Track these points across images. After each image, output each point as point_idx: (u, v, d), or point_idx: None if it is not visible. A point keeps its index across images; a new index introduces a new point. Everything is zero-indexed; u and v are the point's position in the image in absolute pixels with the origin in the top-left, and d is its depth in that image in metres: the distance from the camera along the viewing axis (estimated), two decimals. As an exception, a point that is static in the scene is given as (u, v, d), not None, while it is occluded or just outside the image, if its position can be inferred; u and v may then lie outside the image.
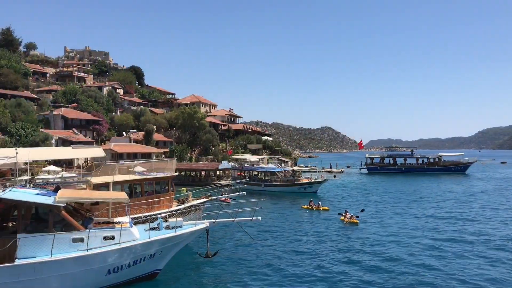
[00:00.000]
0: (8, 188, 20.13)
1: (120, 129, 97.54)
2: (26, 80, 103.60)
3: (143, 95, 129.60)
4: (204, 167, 77.09)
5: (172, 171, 29.89)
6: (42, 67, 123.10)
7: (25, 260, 17.62)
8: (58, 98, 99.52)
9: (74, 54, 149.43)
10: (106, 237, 19.44)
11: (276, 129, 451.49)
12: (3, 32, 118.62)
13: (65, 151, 30.22)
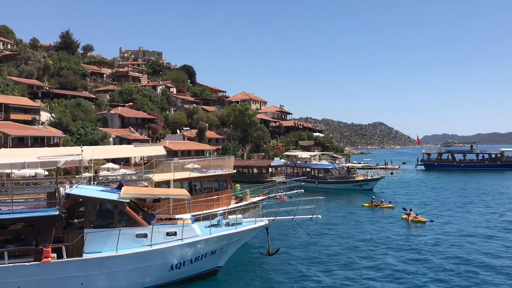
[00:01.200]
0: (74, 185, 20.68)
1: (174, 127, 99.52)
2: (84, 80, 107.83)
3: (195, 94, 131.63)
4: (256, 164, 77.12)
5: (230, 169, 29.87)
6: (99, 68, 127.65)
7: (92, 254, 18.00)
8: (115, 98, 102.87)
9: (129, 55, 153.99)
10: (168, 233, 19.56)
11: (326, 126, 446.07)
12: (63, 36, 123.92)
13: (127, 149, 30.90)
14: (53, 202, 17.96)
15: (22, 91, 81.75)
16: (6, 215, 17.41)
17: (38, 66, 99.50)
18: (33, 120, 73.06)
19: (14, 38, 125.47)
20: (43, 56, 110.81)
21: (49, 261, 17.20)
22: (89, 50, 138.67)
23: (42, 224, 17.61)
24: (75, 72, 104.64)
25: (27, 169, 18.75)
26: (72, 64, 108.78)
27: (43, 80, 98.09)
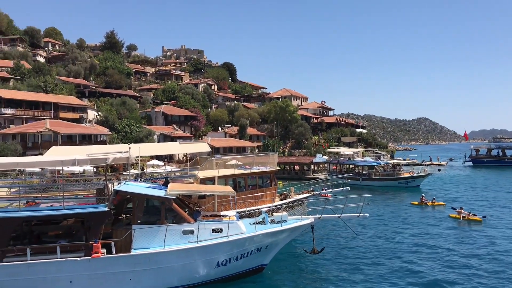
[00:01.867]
0: (122, 181, 20.99)
1: (215, 124, 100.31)
2: (129, 79, 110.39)
3: (236, 91, 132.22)
4: (298, 161, 76.53)
5: (274, 165, 29.62)
6: (143, 67, 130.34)
7: (140, 250, 18.19)
8: (158, 96, 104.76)
9: (171, 53, 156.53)
10: (214, 229, 19.52)
11: (369, 121, 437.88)
12: (108, 35, 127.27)
13: (173, 146, 31.22)
14: (102, 199, 18.25)
15: (70, 90, 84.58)
16: (58, 211, 17.83)
17: (85, 66, 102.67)
18: (81, 118, 75.48)
19: (62, 39, 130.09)
20: (89, 56, 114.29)
21: (99, 257, 17.51)
22: (133, 49, 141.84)
23: (92, 220, 17.95)
24: (120, 71, 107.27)
25: (77, 166, 19.13)
26: (117, 64, 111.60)
27: (90, 80, 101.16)
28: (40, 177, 29.10)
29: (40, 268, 17.13)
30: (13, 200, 20.06)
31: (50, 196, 21.38)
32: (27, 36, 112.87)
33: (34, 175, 29.15)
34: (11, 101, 66.36)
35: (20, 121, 66.65)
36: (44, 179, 24.62)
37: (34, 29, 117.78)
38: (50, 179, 25.05)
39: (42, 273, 17.19)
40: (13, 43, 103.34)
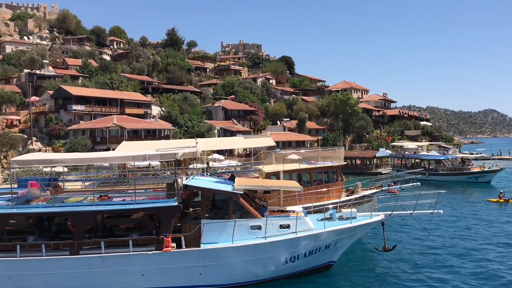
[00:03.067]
0: (190, 176, 21.14)
1: (274, 118, 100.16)
2: (189, 75, 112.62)
3: (294, 84, 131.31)
4: (360, 155, 74.75)
5: (340, 160, 28.87)
6: (203, 62, 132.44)
7: (209, 245, 18.20)
8: (218, 91, 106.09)
9: (230, 49, 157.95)
10: (282, 225, 19.19)
11: (432, 114, 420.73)
12: (169, 33, 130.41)
13: (237, 141, 31.28)
14: (172, 193, 18.43)
15: (135, 87, 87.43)
16: (131, 205, 18.19)
17: (148, 63, 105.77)
18: (145, 113, 77.85)
19: (126, 38, 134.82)
20: (152, 53, 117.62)
21: (170, 251, 17.68)
22: (193, 46, 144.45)
23: (163, 214, 18.15)
24: (181, 68, 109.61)
25: (148, 160, 19.45)
26: (178, 60, 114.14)
27: (153, 76, 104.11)
28: (108, 171, 30.19)
29: (114, 261, 17.56)
30: (87, 194, 20.79)
31: (121, 190, 22.01)
32: (93, 36, 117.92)
33: (101, 169, 30.17)
34: (80, 98, 69.56)
35: (89, 117, 69.72)
36: (115, 173, 25.38)
37: (100, 28, 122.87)
38: (120, 173, 25.79)
39: (116, 266, 17.61)
40: (81, 43, 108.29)
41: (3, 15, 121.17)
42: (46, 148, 61.33)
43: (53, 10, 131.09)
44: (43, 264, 17.54)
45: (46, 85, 76.50)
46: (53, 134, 65.11)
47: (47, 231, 20.69)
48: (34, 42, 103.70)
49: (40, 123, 68.97)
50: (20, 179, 22.33)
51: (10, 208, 18.18)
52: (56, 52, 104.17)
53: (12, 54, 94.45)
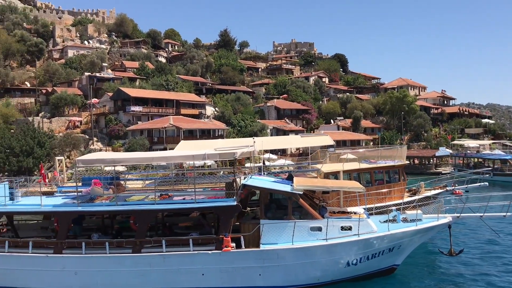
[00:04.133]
0: (248, 175, 20.94)
1: (327, 117, 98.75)
2: (242, 75, 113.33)
3: (348, 82, 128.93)
4: (419, 154, 72.14)
5: (402, 159, 27.75)
6: (254, 62, 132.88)
7: (269, 246, 17.89)
8: (270, 91, 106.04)
9: (282, 48, 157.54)
10: (343, 227, 18.58)
11: (493, 111, 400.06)
12: (221, 34, 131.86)
13: (294, 140, 30.84)
14: (231, 193, 18.29)
15: (189, 88, 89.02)
16: (191, 204, 18.23)
17: (202, 64, 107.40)
18: (200, 114, 79.03)
19: (181, 40, 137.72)
20: (205, 54, 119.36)
21: (230, 250, 17.53)
22: (245, 46, 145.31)
23: (223, 213, 18.04)
24: (234, 68, 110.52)
25: (207, 159, 19.44)
26: (231, 61, 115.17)
27: (206, 77, 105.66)
28: (165, 170, 30.65)
29: (174, 259, 17.64)
30: (147, 192, 21.08)
31: (180, 189, 22.18)
32: (149, 39, 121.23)
33: (158, 168, 30.57)
34: (138, 100, 71.64)
35: (146, 117, 71.64)
36: (173, 172, 25.67)
37: (155, 31, 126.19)
38: (179, 172, 26.06)
39: (177, 264, 17.68)
40: (138, 46, 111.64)
41: (66, 21, 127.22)
42: (106, 148, 63.55)
43: (111, 15, 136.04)
44: (106, 262, 17.92)
45: (106, 87, 79.46)
46: (112, 134, 67.42)
47: (110, 229, 21.20)
48: (94, 46, 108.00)
49: (100, 124, 71.67)
50: (84, 177, 23.04)
51: (76, 206, 18.73)
52: (115, 55, 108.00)
53: (74, 58, 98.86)
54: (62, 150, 59.38)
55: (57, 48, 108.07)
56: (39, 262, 18.14)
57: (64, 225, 18.52)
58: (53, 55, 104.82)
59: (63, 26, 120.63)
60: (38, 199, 19.67)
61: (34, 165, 55.52)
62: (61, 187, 23.00)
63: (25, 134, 57.27)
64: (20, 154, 54.66)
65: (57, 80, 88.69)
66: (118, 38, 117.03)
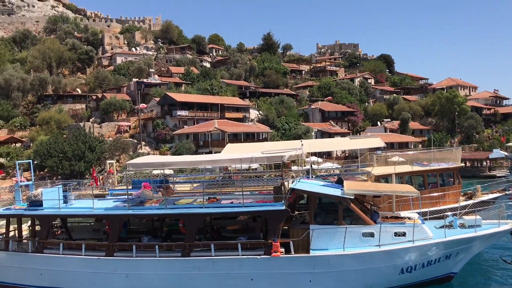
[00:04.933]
0: (296, 179, 20.54)
1: (373, 119, 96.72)
2: (285, 78, 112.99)
3: (394, 83, 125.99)
4: (471, 157, 69.15)
5: (457, 161, 26.52)
6: (298, 65, 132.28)
7: (319, 251, 17.41)
8: (314, 93, 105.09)
9: (326, 50, 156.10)
10: (397, 233, 17.82)
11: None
12: (265, 38, 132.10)
13: (343, 142, 30.24)
14: (280, 196, 17.96)
15: (233, 92, 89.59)
16: (240, 208, 18.04)
17: (245, 68, 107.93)
18: (244, 117, 79.30)
19: (224, 45, 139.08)
20: (249, 58, 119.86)
21: (279, 256, 17.19)
22: (288, 49, 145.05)
23: (271, 218, 17.73)
24: (277, 71, 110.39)
25: (254, 163, 19.22)
26: (274, 64, 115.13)
27: (250, 81, 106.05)
28: (211, 173, 30.70)
29: (223, 264, 17.48)
30: (196, 196, 21.09)
31: (228, 192, 22.05)
32: (194, 44, 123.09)
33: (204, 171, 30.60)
34: (184, 104, 72.75)
35: (192, 121, 72.63)
36: (220, 174, 25.64)
37: (200, 37, 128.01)
38: (226, 175, 26.00)
39: (225, 269, 17.51)
40: (183, 51, 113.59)
41: (114, 29, 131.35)
42: (154, 151, 64.85)
43: (157, 22, 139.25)
44: (157, 265, 18.00)
45: (153, 92, 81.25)
46: (160, 138, 68.77)
47: (159, 232, 21.37)
48: (141, 52, 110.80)
49: (148, 128, 73.28)
50: (134, 180, 23.34)
51: (127, 209, 18.96)
52: (161, 61, 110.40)
53: (122, 64, 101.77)
54: (112, 154, 61.08)
55: (106, 56, 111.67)
56: (91, 264, 18.47)
57: (116, 227, 18.79)
58: (103, 62, 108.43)
59: (111, 34, 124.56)
60: (90, 202, 20.07)
61: (86, 169, 57.40)
62: (112, 190, 23.44)
63: (77, 139, 59.32)
64: (72, 158, 56.64)
65: (106, 86, 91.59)
66: (164, 44, 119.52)
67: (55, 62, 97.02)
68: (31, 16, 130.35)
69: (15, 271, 19.56)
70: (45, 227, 19.59)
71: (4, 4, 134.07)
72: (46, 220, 19.67)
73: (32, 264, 19.20)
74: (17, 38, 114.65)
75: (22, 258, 19.48)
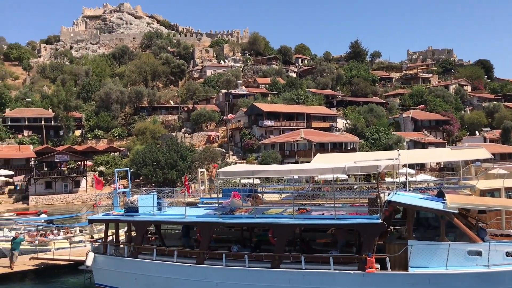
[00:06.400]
0: (393, 191, 19.33)
1: (471, 128, 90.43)
2: (374, 86, 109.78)
3: (494, 90, 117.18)
4: None
5: None
6: (387, 72, 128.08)
7: (419, 269, 16.08)
8: (405, 101, 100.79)
9: (417, 56, 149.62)
10: (509, 253, 15.95)
11: None
12: (352, 46, 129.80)
13: (443, 153, 28.18)
14: (375, 209, 16.92)
15: (319, 101, 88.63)
16: (332, 220, 17.28)
17: (332, 77, 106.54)
18: (331, 127, 77.95)
19: (310, 54, 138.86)
20: (335, 67, 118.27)
21: (374, 272, 16.13)
22: (376, 56, 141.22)
23: (366, 232, 16.73)
24: (365, 79, 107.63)
25: (347, 173, 18.36)
26: (362, 72, 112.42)
27: (337, 89, 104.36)
28: (297, 184, 30.18)
29: (315, 278, 16.78)
30: (284, 206, 20.65)
31: (317, 203, 21.36)
32: (280, 55, 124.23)
33: (290, 181, 30.16)
34: (270, 114, 73.22)
35: (278, 131, 72.81)
36: (309, 185, 25.01)
37: (286, 47, 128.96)
38: (315, 186, 25.32)
39: (317, 283, 16.79)
40: (270, 62, 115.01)
41: (204, 43, 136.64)
42: (241, 161, 65.78)
43: (244, 34, 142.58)
44: (246, 275, 17.75)
45: (240, 103, 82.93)
46: (246, 148, 69.72)
47: (248, 241, 21.18)
48: (229, 64, 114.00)
49: (235, 138, 74.69)
50: (223, 189, 23.49)
51: (217, 217, 19.00)
52: (248, 72, 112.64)
53: (211, 77, 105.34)
54: (202, 163, 62.93)
55: (196, 69, 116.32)
56: (182, 271, 18.69)
57: (206, 235, 18.88)
58: (193, 75, 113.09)
59: (202, 47, 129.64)
60: (182, 210, 20.43)
61: (177, 177, 59.65)
62: (203, 198, 23.76)
63: (170, 148, 61.99)
64: (165, 166, 59.20)
65: (197, 98, 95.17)
66: (251, 56, 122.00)
67: (150, 76, 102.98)
68: (128, 33, 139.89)
69: (112, 274, 20.40)
70: (140, 233, 20.23)
71: (106, 23, 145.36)
72: (141, 226, 20.32)
73: (128, 269, 19.89)
74: (116, 54, 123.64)
75: (119, 262, 20.27)
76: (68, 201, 62.51)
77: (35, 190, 62.42)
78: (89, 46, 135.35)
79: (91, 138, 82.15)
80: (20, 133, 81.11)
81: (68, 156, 66.10)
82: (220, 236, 22.29)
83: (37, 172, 63.61)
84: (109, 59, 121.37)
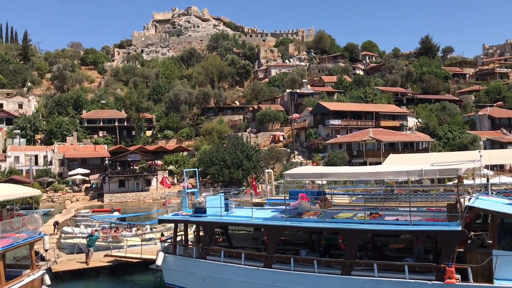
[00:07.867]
0: (474, 195, 17.92)
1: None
2: (446, 83, 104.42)
3: None
4: None
5: None
6: (461, 68, 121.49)
7: (506, 282, 14.73)
8: (481, 98, 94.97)
9: (494, 50, 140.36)
10: None
11: None
12: (423, 41, 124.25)
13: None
14: (455, 215, 15.73)
15: (388, 99, 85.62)
16: (406, 226, 16.29)
17: (401, 73, 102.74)
18: (401, 126, 75.04)
19: (378, 51, 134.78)
20: (405, 64, 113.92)
21: (454, 283, 14.98)
22: (449, 52, 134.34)
23: (445, 239, 15.59)
24: (437, 76, 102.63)
25: (424, 177, 17.26)
26: (433, 68, 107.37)
27: (406, 87, 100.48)
28: (366, 185, 28.97)
29: (388, 286, 15.90)
30: (355, 210, 19.82)
31: (390, 207, 20.31)
32: (347, 52, 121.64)
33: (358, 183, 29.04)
34: (337, 113, 71.71)
35: (345, 131, 71.14)
36: (380, 188, 23.92)
37: (352, 45, 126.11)
38: (387, 188, 24.19)
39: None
40: (336, 60, 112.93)
41: (269, 43, 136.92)
42: (307, 161, 64.96)
43: (310, 33, 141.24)
44: (315, 280, 17.20)
45: (305, 102, 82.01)
46: (312, 148, 68.77)
47: (316, 245, 20.59)
48: (294, 64, 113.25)
49: (300, 137, 73.91)
50: (291, 191, 23.04)
51: (284, 220, 18.58)
52: (313, 71, 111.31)
53: (276, 76, 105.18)
54: (267, 163, 62.87)
55: (261, 69, 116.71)
56: (250, 274, 18.45)
57: (274, 238, 18.53)
58: (258, 75, 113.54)
59: (267, 47, 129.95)
60: (249, 211, 20.21)
61: (243, 176, 59.98)
62: (270, 199, 23.45)
63: (236, 148, 62.47)
64: (231, 166, 59.72)
65: (262, 98, 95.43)
66: (316, 54, 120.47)
67: (216, 77, 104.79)
68: (196, 35, 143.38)
69: (181, 274, 20.61)
70: (208, 234, 20.26)
71: (174, 26, 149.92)
72: (209, 227, 20.34)
73: (196, 269, 19.98)
74: (184, 56, 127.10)
75: (188, 262, 20.42)
76: (139, 199, 64.95)
77: (109, 188, 65.41)
78: (159, 49, 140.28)
79: (161, 138, 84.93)
80: (96, 134, 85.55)
81: (140, 156, 68.70)
82: (288, 238, 21.87)
83: (111, 171, 66.62)
84: (178, 61, 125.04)
